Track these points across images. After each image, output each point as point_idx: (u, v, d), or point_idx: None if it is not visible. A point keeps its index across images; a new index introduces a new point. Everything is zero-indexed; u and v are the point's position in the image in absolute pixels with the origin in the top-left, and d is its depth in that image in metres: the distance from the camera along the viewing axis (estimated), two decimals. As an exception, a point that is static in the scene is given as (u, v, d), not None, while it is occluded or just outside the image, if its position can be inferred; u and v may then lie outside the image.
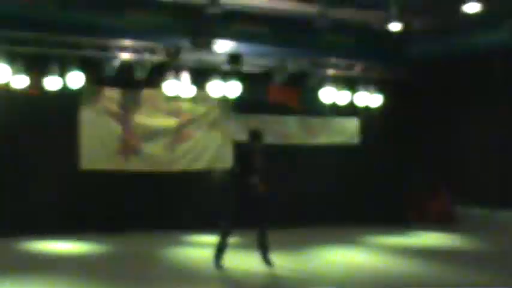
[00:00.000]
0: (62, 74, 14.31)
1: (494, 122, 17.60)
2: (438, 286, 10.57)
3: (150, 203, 15.44)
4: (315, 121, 17.47)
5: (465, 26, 15.29)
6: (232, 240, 11.10)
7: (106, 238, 13.97)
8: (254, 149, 11.35)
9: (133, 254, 12.87)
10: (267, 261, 11.04)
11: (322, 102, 16.97)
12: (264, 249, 11.07)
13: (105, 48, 14.70)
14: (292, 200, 16.28)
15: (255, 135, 11.49)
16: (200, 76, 15.59)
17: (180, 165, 16.04)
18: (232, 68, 15.79)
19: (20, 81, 13.92)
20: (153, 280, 10.56)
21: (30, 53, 13.98)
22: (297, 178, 16.52)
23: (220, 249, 11.04)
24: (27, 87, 14.07)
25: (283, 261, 11.78)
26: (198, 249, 13.55)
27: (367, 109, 17.57)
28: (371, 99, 17.34)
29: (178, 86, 15.36)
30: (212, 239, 14.17)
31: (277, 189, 15.14)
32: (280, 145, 16.76)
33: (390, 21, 14.60)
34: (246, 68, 16.07)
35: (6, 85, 13.90)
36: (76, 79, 14.38)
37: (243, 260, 11.89)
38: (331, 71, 17.00)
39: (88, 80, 14.65)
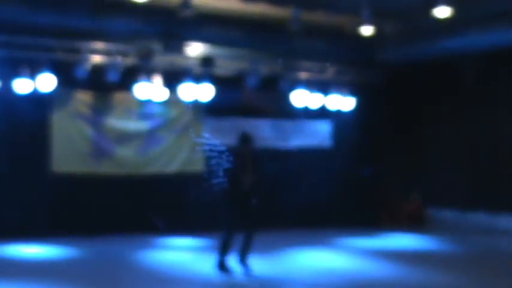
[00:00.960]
0: (32, 77, 14.30)
1: (465, 124, 17.87)
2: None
3: (122, 206, 15.45)
4: (288, 124, 17.55)
5: (436, 30, 15.33)
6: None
7: (77, 242, 13.95)
8: (246, 151, 11.41)
9: (105, 257, 12.93)
10: (245, 263, 11.10)
11: (294, 106, 17.12)
12: (246, 252, 11.09)
13: (76, 51, 14.70)
14: (264, 203, 16.07)
15: (246, 138, 11.54)
16: (172, 79, 15.66)
17: (152, 168, 16.10)
18: (205, 71, 15.88)
19: None
20: (126, 285, 10.59)
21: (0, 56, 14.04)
22: (271, 181, 15.92)
23: (224, 252, 11.01)
24: None
25: (256, 265, 11.72)
26: (171, 252, 13.67)
27: (339, 112, 17.71)
28: (343, 102, 17.48)
29: (150, 89, 15.37)
30: (185, 241, 14.93)
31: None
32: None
33: (362, 25, 14.55)
34: (218, 71, 16.20)
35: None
36: (47, 82, 14.39)
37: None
38: (303, 74, 17.18)
39: (60, 82, 14.63)
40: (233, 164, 11.45)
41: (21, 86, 14.31)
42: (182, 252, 13.70)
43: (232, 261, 11.06)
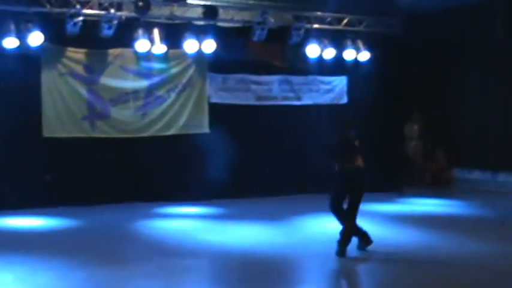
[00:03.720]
0: (19, 33, 14.06)
1: (495, 78, 17.79)
2: (431, 253, 10.69)
3: (121, 173, 15.38)
4: (300, 80, 17.39)
5: None
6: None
7: (74, 212, 13.89)
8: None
9: (104, 227, 12.89)
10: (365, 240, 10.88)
11: (306, 60, 16.98)
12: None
13: (66, 4, 14.43)
14: (276, 166, 16.42)
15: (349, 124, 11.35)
16: (173, 32, 15.49)
17: (151, 131, 16.01)
18: (208, 22, 15.72)
19: None
20: (128, 257, 10.52)
21: None
22: (281, 143, 16.68)
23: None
24: None
25: (266, 234, 11.95)
26: (173, 220, 13.64)
27: (355, 66, 17.57)
28: (360, 55, 17.29)
29: (148, 44, 15.15)
30: (191, 210, 14.95)
31: (261, 154, 16.36)
32: (260, 106, 16.97)
33: None
34: (222, 22, 16.13)
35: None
36: (35, 38, 14.12)
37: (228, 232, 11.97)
38: (316, 26, 16.92)
39: (49, 39, 14.44)
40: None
41: (7, 43, 14.07)
42: (185, 221, 13.68)
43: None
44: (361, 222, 12.15)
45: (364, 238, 10.74)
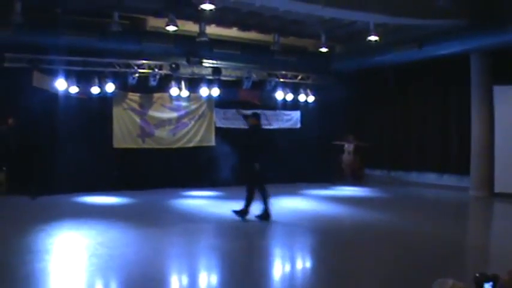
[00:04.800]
0: (100, 84, 14.74)
1: (388, 110, 18.21)
2: (352, 220, 11.35)
3: (160, 170, 15.61)
4: (271, 113, 17.57)
5: (369, 50, 15.64)
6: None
7: (131, 193, 14.18)
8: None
9: (149, 203, 13.22)
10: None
11: (275, 100, 17.41)
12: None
13: (129, 66, 15.18)
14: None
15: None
16: (193, 83, 16.02)
17: (179, 144, 16.13)
18: (215, 77, 16.15)
19: (73, 90, 14.54)
20: (163, 221, 10.94)
21: (79, 71, 14.51)
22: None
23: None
24: (78, 93, 14.64)
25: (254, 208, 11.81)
26: (194, 200, 13.87)
27: (305, 104, 17.93)
28: (308, 98, 17.78)
29: (178, 91, 15.75)
30: (204, 193, 14.90)
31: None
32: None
33: (321, 46, 15.15)
34: (224, 77, 16.44)
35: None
36: (110, 87, 14.84)
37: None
38: (281, 79, 17.45)
39: (117, 87, 15.09)
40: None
41: (93, 90, 14.75)
42: (199, 200, 13.90)
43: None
44: (306, 202, 13.37)
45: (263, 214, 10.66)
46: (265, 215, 10.82)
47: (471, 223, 12.24)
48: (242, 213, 10.92)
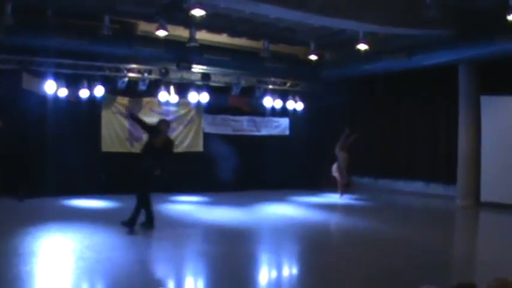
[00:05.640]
0: (89, 87, 14.72)
1: (376, 119, 18.17)
2: (338, 228, 11.77)
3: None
4: (260, 119, 17.77)
5: (358, 58, 15.33)
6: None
7: (118, 197, 13.74)
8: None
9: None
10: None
11: (264, 107, 17.52)
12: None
13: (118, 70, 15.13)
14: (244, 172, 16.34)
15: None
16: (182, 89, 16.00)
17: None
18: (204, 83, 16.23)
19: (63, 92, 14.46)
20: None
21: (69, 74, 14.44)
22: (247, 158, 16.56)
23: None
24: (67, 96, 14.55)
25: (238, 214, 12.33)
26: (182, 205, 13.93)
27: (294, 111, 18.05)
28: (296, 104, 17.93)
29: (167, 95, 15.75)
30: (192, 198, 14.86)
31: (236, 166, 15.77)
32: (236, 135, 17.11)
33: (310, 53, 15.33)
34: (213, 83, 16.52)
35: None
36: (99, 91, 14.81)
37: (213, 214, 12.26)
38: (270, 86, 17.63)
39: (107, 91, 15.03)
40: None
41: (82, 93, 14.72)
42: (187, 205, 13.92)
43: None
44: (293, 209, 13.38)
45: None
46: (148, 222, 10.46)
47: (456, 232, 12.33)
48: (131, 223, 10.22)
